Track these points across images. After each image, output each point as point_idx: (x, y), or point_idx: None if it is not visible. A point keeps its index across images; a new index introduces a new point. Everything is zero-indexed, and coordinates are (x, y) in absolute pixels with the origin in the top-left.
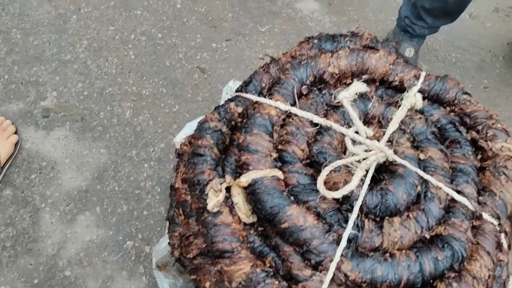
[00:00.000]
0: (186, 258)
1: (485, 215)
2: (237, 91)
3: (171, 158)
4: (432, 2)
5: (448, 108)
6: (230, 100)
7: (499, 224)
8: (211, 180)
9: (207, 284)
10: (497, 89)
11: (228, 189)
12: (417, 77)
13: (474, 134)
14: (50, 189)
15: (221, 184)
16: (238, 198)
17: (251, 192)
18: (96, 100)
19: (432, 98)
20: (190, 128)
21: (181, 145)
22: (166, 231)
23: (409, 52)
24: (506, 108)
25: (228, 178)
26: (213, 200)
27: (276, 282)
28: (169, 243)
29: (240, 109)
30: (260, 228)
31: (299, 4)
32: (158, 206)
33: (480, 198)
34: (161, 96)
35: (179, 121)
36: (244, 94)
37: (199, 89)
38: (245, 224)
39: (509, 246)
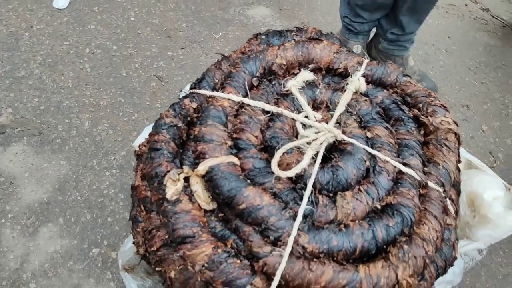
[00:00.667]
0: (150, 253)
1: (431, 183)
2: (191, 88)
3: (132, 164)
4: None
5: (390, 90)
6: (185, 97)
7: (444, 191)
8: (168, 171)
9: (172, 273)
10: (442, 79)
11: (187, 180)
12: (360, 64)
13: (415, 111)
14: (9, 204)
15: (179, 174)
16: (197, 186)
17: (209, 179)
18: (53, 113)
19: (375, 82)
20: (148, 131)
21: (139, 146)
22: (130, 231)
23: (356, 49)
24: (452, 96)
25: (186, 168)
26: (172, 189)
27: (238, 261)
28: (133, 243)
29: (194, 105)
30: (220, 214)
31: (251, 11)
32: (122, 212)
33: (425, 168)
34: (119, 106)
35: (138, 128)
36: (198, 90)
37: (157, 96)
38: (205, 211)
39: (456, 212)
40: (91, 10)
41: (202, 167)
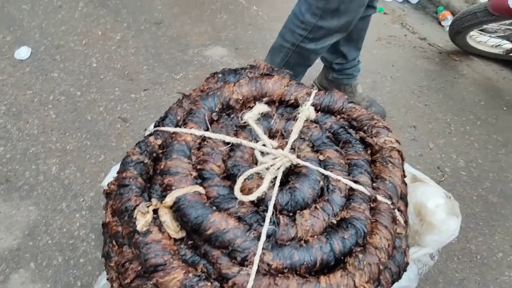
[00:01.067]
0: (124, 286)
1: (379, 197)
2: (155, 126)
3: (101, 204)
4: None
5: (338, 116)
6: (149, 135)
7: (392, 203)
8: (138, 205)
9: None
10: (390, 103)
11: (156, 212)
12: (308, 94)
13: (361, 133)
14: None
15: (148, 207)
16: (166, 217)
17: (176, 209)
18: (20, 161)
19: (324, 109)
20: (116, 171)
21: (108, 185)
22: (104, 267)
23: None
24: (399, 118)
25: (154, 201)
26: (142, 221)
27: (209, 284)
28: (107, 279)
29: (159, 141)
30: (189, 242)
31: (209, 52)
32: (94, 252)
33: (374, 184)
34: (85, 149)
35: (106, 169)
36: (161, 128)
37: (123, 137)
38: (175, 240)
39: (405, 222)
40: (53, 59)
41: (170, 198)
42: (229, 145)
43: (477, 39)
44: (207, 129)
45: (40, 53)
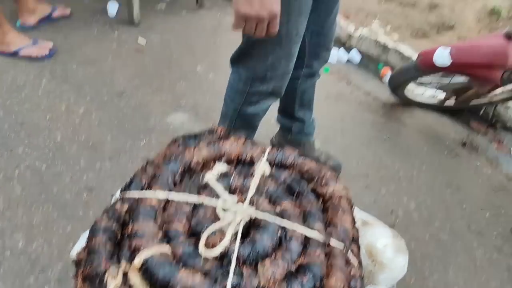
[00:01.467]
0: None
1: (333, 242)
2: (121, 192)
3: (70, 275)
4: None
5: (291, 170)
6: (116, 201)
7: (345, 246)
8: (108, 269)
9: None
10: (342, 155)
11: (125, 274)
12: (263, 152)
13: (312, 184)
14: None
15: (117, 270)
16: (135, 279)
17: (145, 270)
18: None
19: (278, 164)
20: (85, 238)
21: (77, 254)
22: None
23: None
24: (352, 168)
25: (124, 264)
26: (112, 284)
27: None
28: None
29: (126, 207)
30: None
31: (170, 118)
32: None
33: (327, 230)
34: (52, 221)
35: (74, 239)
36: (127, 194)
37: (90, 206)
38: None
39: (359, 263)
40: (18, 136)
41: (138, 260)
42: (192, 205)
43: (415, 91)
44: (171, 191)
45: (5, 131)
